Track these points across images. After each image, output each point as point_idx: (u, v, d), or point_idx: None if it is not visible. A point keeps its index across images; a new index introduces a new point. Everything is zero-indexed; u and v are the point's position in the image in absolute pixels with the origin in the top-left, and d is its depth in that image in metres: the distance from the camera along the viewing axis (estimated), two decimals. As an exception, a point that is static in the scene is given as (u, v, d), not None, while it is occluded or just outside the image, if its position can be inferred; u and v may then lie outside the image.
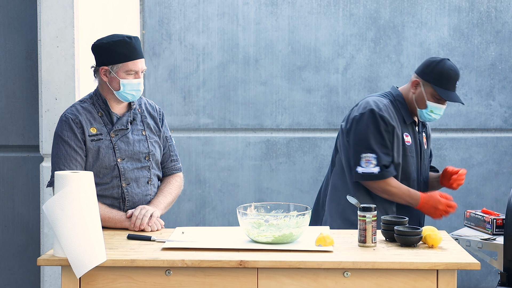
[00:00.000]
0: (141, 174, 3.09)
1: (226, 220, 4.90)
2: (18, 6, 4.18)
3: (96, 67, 3.08)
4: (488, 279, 4.89)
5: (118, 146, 3.04)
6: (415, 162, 3.43)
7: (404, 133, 3.40)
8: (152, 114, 3.20)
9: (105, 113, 3.07)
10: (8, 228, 4.28)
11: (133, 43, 3.02)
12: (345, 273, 2.52)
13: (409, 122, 3.44)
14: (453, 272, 2.51)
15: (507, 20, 4.84)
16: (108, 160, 3.02)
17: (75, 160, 2.98)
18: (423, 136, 3.52)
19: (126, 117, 3.09)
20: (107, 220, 2.96)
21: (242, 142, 4.89)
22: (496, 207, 4.78)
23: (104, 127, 3.05)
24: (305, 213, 2.74)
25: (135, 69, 3.01)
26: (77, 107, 3.06)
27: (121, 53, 2.99)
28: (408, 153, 3.39)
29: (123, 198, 3.06)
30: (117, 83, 3.01)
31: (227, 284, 2.53)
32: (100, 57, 3.04)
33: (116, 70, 3.00)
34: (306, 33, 4.84)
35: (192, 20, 4.88)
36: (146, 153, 3.11)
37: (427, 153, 3.58)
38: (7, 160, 4.25)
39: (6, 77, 4.20)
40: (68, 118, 3.02)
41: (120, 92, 3.02)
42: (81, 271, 2.48)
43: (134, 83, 3.02)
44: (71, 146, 2.98)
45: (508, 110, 4.86)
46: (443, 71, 3.34)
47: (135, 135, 3.10)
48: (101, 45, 3.03)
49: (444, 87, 3.33)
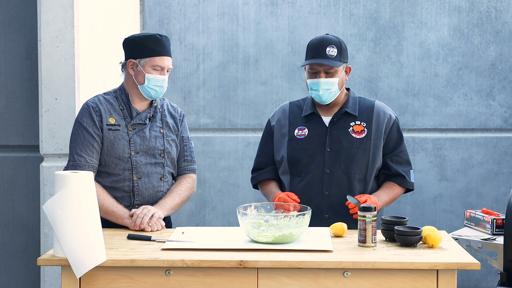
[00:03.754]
0: (154, 170, 3.13)
1: (226, 220, 4.90)
2: (18, 6, 4.18)
3: (124, 61, 3.16)
4: (488, 279, 4.89)
5: (133, 140, 3.10)
6: (313, 154, 3.28)
7: (297, 127, 3.33)
8: (173, 114, 3.27)
9: (126, 107, 3.14)
10: (8, 228, 4.28)
11: (163, 41, 3.11)
12: (345, 273, 2.52)
13: (305, 114, 3.34)
14: (453, 272, 2.51)
15: (507, 20, 4.84)
16: (122, 151, 3.08)
17: (92, 146, 3.06)
18: (352, 126, 3.29)
19: (146, 113, 3.16)
20: (110, 213, 3.00)
21: (242, 142, 4.89)
22: (496, 207, 4.78)
23: (123, 119, 3.12)
24: (305, 213, 2.74)
25: (161, 65, 3.09)
26: (99, 97, 3.16)
27: (150, 48, 3.07)
28: (297, 146, 3.29)
29: (133, 192, 3.10)
30: (142, 76, 3.09)
31: (227, 284, 2.53)
32: (130, 50, 3.13)
33: (143, 64, 3.09)
34: (306, 33, 4.84)
35: (192, 20, 4.88)
36: (162, 150, 3.16)
37: (353, 143, 3.27)
38: (7, 160, 4.25)
39: (6, 77, 4.20)
40: (89, 106, 3.11)
41: (144, 86, 3.09)
42: (81, 271, 2.48)
43: (159, 79, 3.09)
44: (89, 132, 3.06)
45: (508, 110, 4.86)
46: (307, 46, 3.32)
47: (152, 131, 3.15)
48: (132, 39, 3.13)
49: (306, 58, 3.29)
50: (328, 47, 3.22)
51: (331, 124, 3.30)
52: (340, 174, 3.25)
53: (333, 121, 3.30)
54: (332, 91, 3.23)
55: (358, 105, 3.34)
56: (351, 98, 3.35)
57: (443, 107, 4.86)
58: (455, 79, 4.86)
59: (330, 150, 3.26)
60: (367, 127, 3.29)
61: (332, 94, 3.25)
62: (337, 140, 3.27)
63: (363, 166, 3.27)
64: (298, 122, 3.35)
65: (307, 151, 3.28)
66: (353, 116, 3.31)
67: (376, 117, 3.31)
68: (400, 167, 3.32)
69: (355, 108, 3.32)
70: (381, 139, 3.29)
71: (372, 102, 3.37)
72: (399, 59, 4.85)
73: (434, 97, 4.86)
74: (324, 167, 3.26)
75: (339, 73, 3.24)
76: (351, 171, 3.25)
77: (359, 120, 3.30)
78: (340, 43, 3.26)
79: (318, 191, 3.23)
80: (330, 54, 3.21)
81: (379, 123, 3.31)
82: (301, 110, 3.38)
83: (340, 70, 3.24)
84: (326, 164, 3.26)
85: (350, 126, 3.29)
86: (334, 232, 2.88)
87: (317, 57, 3.22)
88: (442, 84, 4.86)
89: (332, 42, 3.24)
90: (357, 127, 3.29)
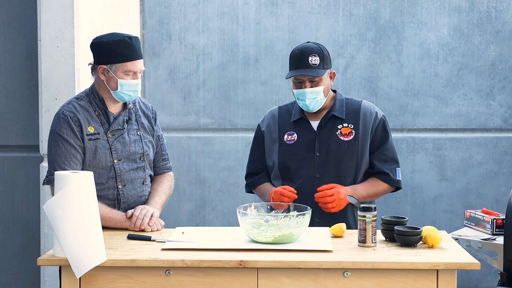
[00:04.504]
0: (137, 175, 3.09)
1: (226, 220, 4.90)
2: (18, 6, 4.18)
3: (94, 65, 3.04)
4: (488, 279, 4.89)
5: (114, 147, 3.03)
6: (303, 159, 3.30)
7: (287, 132, 3.34)
8: (146, 113, 3.19)
9: (102, 112, 3.04)
10: (8, 228, 4.28)
11: (133, 44, 2.98)
12: (345, 273, 2.52)
13: (294, 119, 3.35)
14: (453, 272, 2.51)
15: (507, 20, 4.84)
16: (104, 160, 3.00)
17: (75, 158, 2.96)
18: (340, 128, 3.30)
19: (122, 117, 3.07)
20: (107, 220, 2.96)
21: (242, 142, 4.89)
22: (496, 207, 4.78)
23: (101, 126, 3.02)
24: (305, 213, 2.74)
25: (133, 69, 2.99)
26: (74, 105, 3.02)
27: (121, 53, 2.95)
28: (287, 152, 3.31)
29: (118, 199, 3.05)
30: (115, 82, 2.98)
31: (227, 284, 2.53)
32: (99, 55, 3.00)
33: (115, 70, 2.97)
34: (306, 33, 4.84)
35: (192, 20, 4.88)
36: (141, 154, 3.10)
37: (341, 146, 3.29)
38: (7, 160, 4.25)
39: (6, 77, 4.20)
40: (66, 116, 2.97)
41: (117, 92, 3.00)
42: (81, 271, 2.48)
43: (132, 84, 3.00)
44: (70, 144, 2.95)
45: (508, 110, 4.86)
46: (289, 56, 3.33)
47: (131, 135, 3.08)
48: (101, 44, 2.99)
49: (290, 69, 3.30)
50: (310, 56, 3.23)
51: (319, 129, 3.32)
52: (330, 178, 3.26)
53: (321, 125, 3.32)
54: (318, 99, 3.26)
55: (345, 107, 3.36)
56: (338, 100, 3.37)
57: (443, 107, 4.86)
58: (455, 79, 4.86)
59: (319, 154, 3.29)
60: (355, 129, 3.31)
61: (319, 102, 3.27)
62: (326, 144, 3.29)
63: (352, 168, 3.29)
64: (287, 127, 3.37)
65: (297, 156, 3.30)
66: (340, 119, 3.32)
67: (363, 118, 3.33)
68: (385, 165, 3.31)
69: (342, 110, 3.34)
70: (368, 139, 3.31)
71: (359, 103, 3.38)
72: (399, 59, 4.85)
73: (434, 97, 4.86)
74: (314, 171, 3.28)
75: (324, 81, 3.26)
76: (341, 174, 3.28)
77: (346, 122, 3.32)
78: (322, 50, 3.27)
79: (309, 195, 3.23)
80: (312, 63, 3.23)
81: (365, 123, 3.32)
82: (290, 115, 3.40)
83: (324, 78, 3.26)
84: (316, 169, 3.28)
85: (338, 129, 3.31)
86: (333, 233, 2.88)
87: (300, 67, 3.24)
88: (442, 84, 4.86)
89: (314, 51, 3.25)
90: (345, 130, 3.31)
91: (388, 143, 3.34)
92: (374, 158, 3.32)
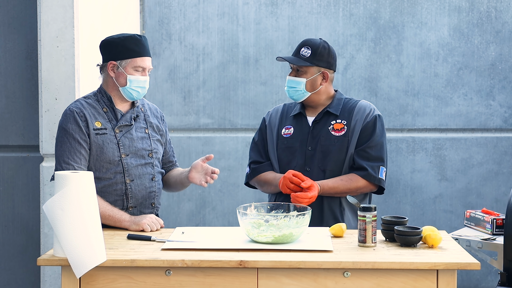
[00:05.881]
0: (145, 171, 3.13)
1: (226, 220, 4.90)
2: (18, 6, 4.18)
3: (103, 63, 3.11)
4: (488, 279, 4.89)
5: (122, 142, 3.07)
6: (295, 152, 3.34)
7: (285, 126, 3.39)
8: (156, 114, 3.27)
9: (109, 109, 3.10)
10: (8, 228, 4.28)
11: (143, 41, 3.08)
12: (345, 273, 2.52)
13: (293, 114, 3.41)
14: (453, 272, 2.51)
15: (507, 20, 4.84)
16: (112, 155, 3.04)
17: (79, 153, 3.00)
18: (333, 124, 3.32)
19: (130, 114, 3.13)
20: (107, 218, 2.97)
21: (242, 142, 4.89)
22: (496, 207, 4.78)
23: (108, 122, 3.07)
24: (305, 213, 2.74)
25: (143, 65, 3.06)
26: (81, 102, 3.09)
27: (131, 49, 3.04)
28: (283, 145, 3.36)
29: (126, 194, 3.07)
30: (124, 78, 3.05)
31: (227, 284, 2.53)
32: (109, 52, 3.08)
33: (124, 66, 3.05)
34: (306, 33, 4.84)
35: (192, 20, 4.88)
36: (150, 150, 3.15)
37: (331, 140, 3.30)
38: (7, 160, 4.25)
39: (6, 77, 4.20)
40: (72, 111, 3.04)
41: (126, 88, 3.05)
42: (81, 271, 2.48)
43: (141, 80, 3.06)
44: (75, 139, 3.00)
45: (508, 110, 4.86)
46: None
47: (138, 132, 3.13)
48: (111, 41, 3.08)
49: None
50: (304, 47, 3.33)
51: (314, 124, 3.36)
52: (317, 171, 3.29)
53: (316, 121, 3.36)
54: (297, 89, 3.31)
55: (342, 105, 3.38)
56: (336, 99, 3.39)
57: (443, 107, 4.86)
58: (455, 79, 4.86)
59: (310, 148, 3.32)
60: (347, 125, 3.33)
61: (299, 93, 3.32)
62: (317, 138, 3.33)
63: (338, 162, 3.30)
64: (287, 121, 3.42)
65: (291, 149, 3.36)
66: (334, 115, 3.35)
67: (356, 114, 3.34)
68: (366, 161, 3.28)
69: (337, 108, 3.36)
70: (357, 134, 3.32)
71: (357, 102, 3.40)
72: (399, 59, 4.85)
73: (434, 97, 4.86)
74: (305, 165, 3.31)
75: (309, 74, 3.30)
76: (327, 167, 3.29)
77: (340, 118, 3.34)
78: (317, 46, 3.31)
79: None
80: (302, 54, 3.32)
81: (357, 119, 3.33)
82: (292, 111, 3.46)
83: (310, 71, 3.30)
84: (307, 162, 3.31)
85: (331, 124, 3.34)
86: (333, 233, 2.88)
87: (292, 56, 3.36)
88: (442, 84, 4.86)
89: (310, 44, 3.33)
90: (337, 125, 3.33)
91: (374, 141, 3.30)
92: (356, 153, 3.30)
